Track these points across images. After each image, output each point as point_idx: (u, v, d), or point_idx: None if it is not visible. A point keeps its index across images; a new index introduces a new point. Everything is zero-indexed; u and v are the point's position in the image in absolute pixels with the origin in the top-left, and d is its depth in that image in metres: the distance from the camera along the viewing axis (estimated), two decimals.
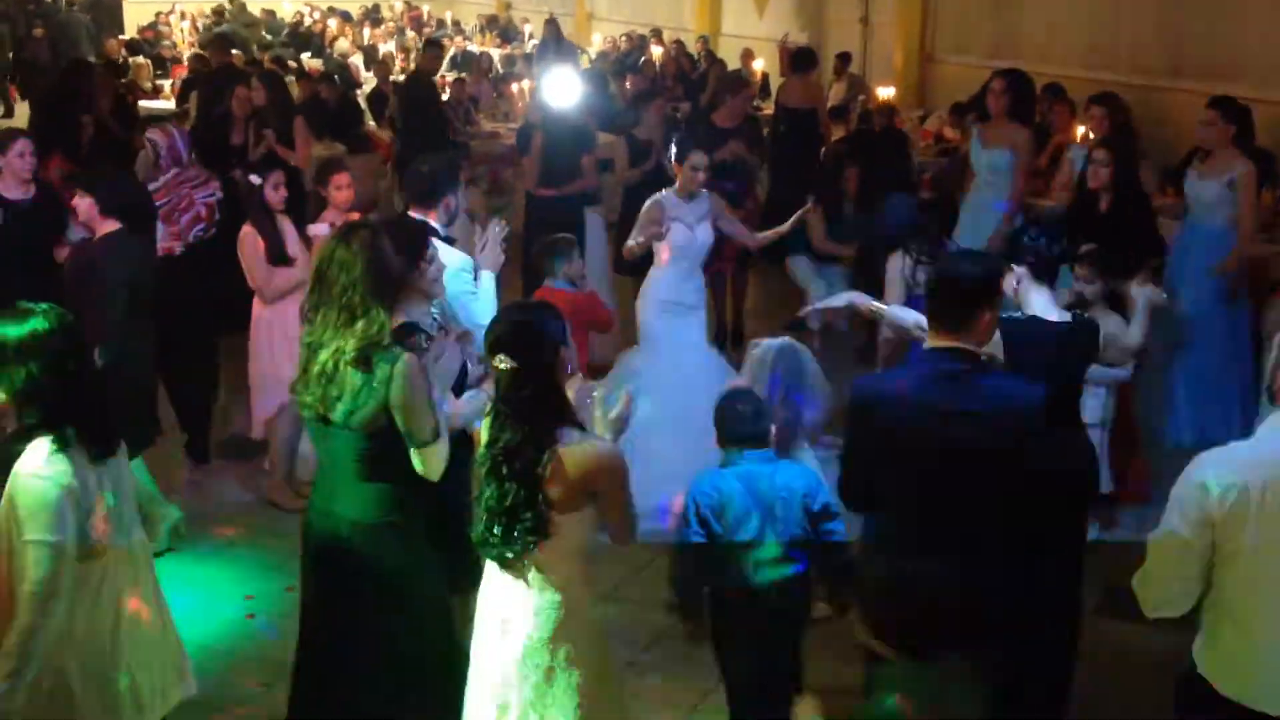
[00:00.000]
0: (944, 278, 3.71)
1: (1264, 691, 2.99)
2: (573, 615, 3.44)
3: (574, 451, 3.35)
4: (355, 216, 6.12)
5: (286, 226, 6.48)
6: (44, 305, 3.34)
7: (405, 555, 3.77)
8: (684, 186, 6.66)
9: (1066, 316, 4.40)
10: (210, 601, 5.49)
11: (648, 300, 6.75)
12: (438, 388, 3.90)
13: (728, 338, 9.02)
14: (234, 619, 5.44)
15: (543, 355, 3.39)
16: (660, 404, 6.02)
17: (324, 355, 3.63)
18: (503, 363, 3.35)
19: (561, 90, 8.72)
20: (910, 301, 5.99)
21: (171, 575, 5.61)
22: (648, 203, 6.69)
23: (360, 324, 3.60)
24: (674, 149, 6.79)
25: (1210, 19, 9.84)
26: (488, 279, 4.87)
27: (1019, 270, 4.38)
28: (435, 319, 4.36)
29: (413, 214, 5.09)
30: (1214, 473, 2.96)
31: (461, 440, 3.95)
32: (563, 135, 8.57)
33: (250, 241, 6.33)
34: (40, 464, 3.20)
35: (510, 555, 3.40)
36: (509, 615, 3.47)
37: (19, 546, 3.18)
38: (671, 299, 6.67)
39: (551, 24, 17.81)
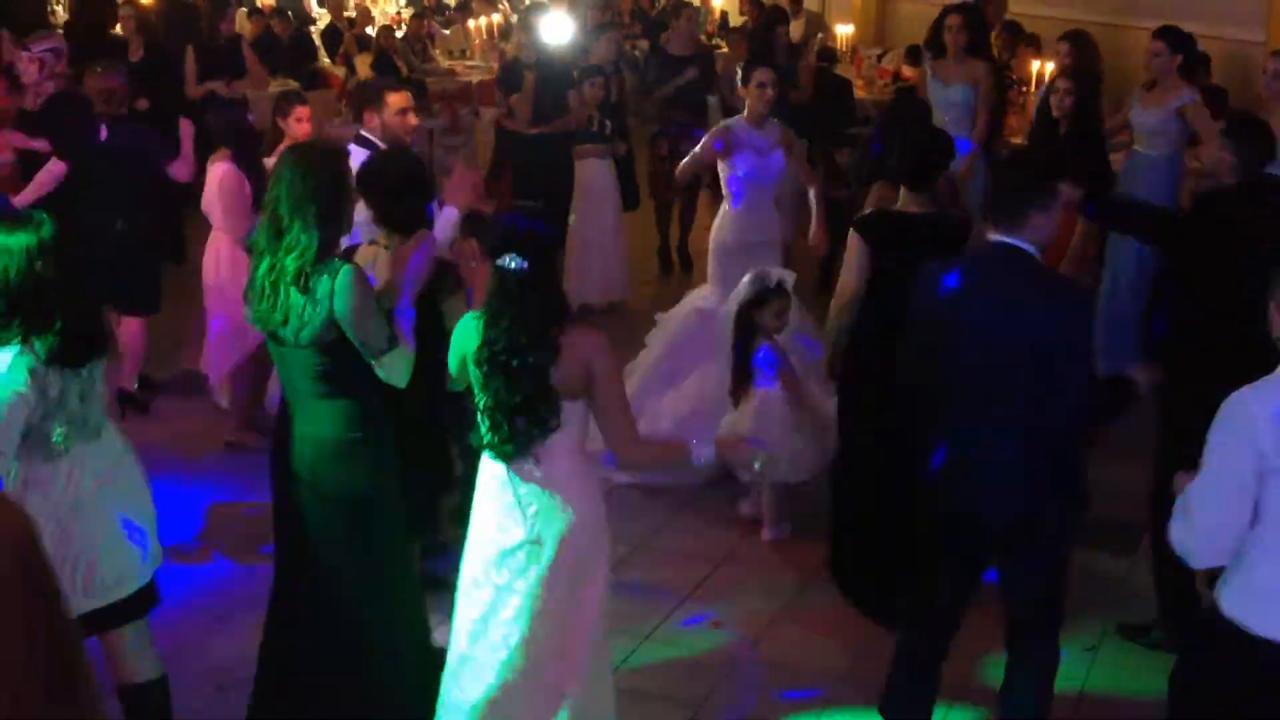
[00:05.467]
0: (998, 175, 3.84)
1: None
2: (593, 510, 3.56)
3: (574, 341, 3.46)
4: None
5: None
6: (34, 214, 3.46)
7: (371, 472, 3.76)
8: (754, 109, 6.32)
9: None
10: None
11: (718, 241, 6.50)
12: (409, 291, 3.84)
13: (677, 267, 9.31)
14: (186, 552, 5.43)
15: (549, 256, 3.57)
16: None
17: (261, 269, 3.62)
18: (512, 262, 3.42)
19: (558, 30, 8.72)
20: None
21: None
22: (715, 127, 6.50)
23: (286, 239, 3.56)
24: (739, 72, 6.50)
25: None
26: (450, 213, 4.82)
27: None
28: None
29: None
30: (1260, 405, 2.91)
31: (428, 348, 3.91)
32: (553, 75, 8.49)
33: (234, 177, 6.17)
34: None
35: (523, 448, 3.48)
36: (534, 523, 3.53)
37: None
38: (744, 239, 6.36)
39: None
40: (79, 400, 3.45)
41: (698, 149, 6.52)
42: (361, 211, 4.17)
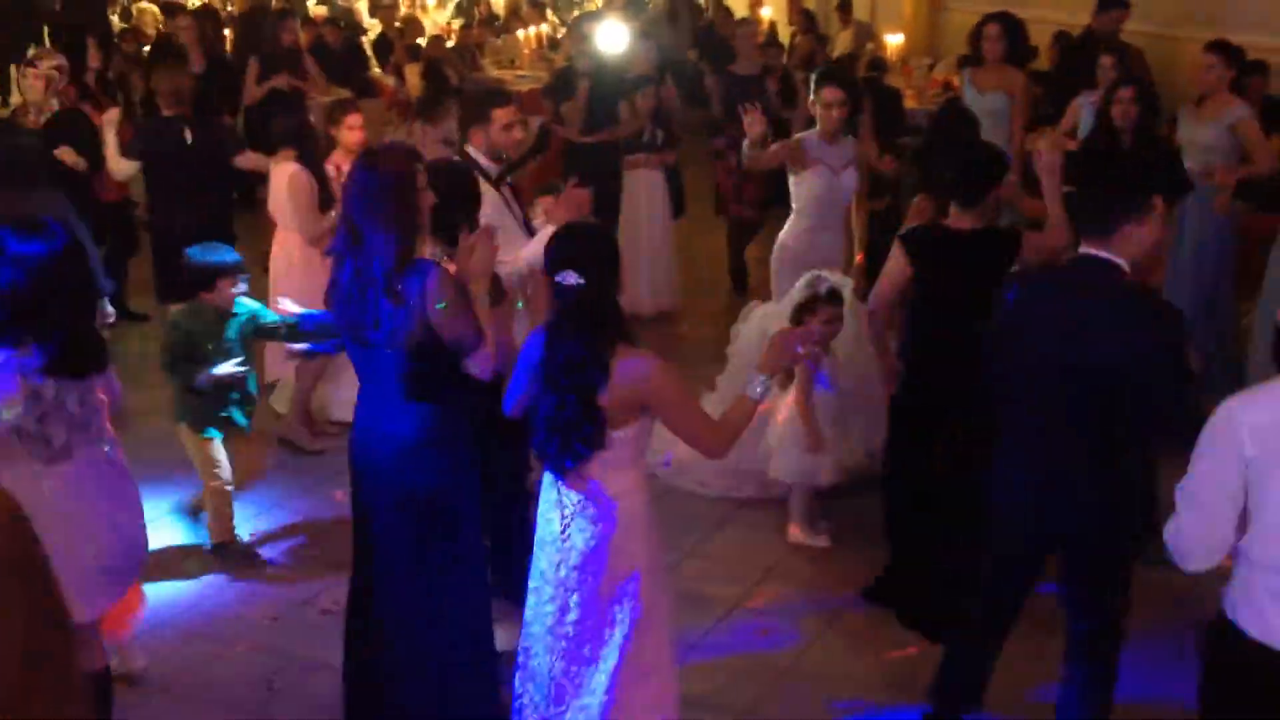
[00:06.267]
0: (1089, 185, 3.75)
1: None
2: (631, 524, 3.52)
3: (626, 365, 3.40)
4: None
5: None
6: (50, 225, 3.40)
7: (451, 473, 3.80)
8: (824, 127, 6.20)
9: None
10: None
11: (781, 255, 6.44)
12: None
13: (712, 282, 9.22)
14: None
15: (609, 271, 3.46)
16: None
17: (346, 274, 3.65)
18: (571, 279, 3.40)
19: (614, 39, 8.75)
20: None
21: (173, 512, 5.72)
22: (789, 140, 6.42)
23: (366, 244, 3.59)
24: (812, 85, 6.39)
25: None
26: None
27: None
28: None
29: None
30: (1246, 413, 2.91)
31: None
32: (607, 84, 8.51)
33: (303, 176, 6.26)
34: None
35: (568, 465, 3.48)
36: (568, 524, 3.54)
37: None
38: (808, 257, 6.18)
39: None
40: (78, 404, 3.43)
41: (774, 149, 6.33)
42: None
